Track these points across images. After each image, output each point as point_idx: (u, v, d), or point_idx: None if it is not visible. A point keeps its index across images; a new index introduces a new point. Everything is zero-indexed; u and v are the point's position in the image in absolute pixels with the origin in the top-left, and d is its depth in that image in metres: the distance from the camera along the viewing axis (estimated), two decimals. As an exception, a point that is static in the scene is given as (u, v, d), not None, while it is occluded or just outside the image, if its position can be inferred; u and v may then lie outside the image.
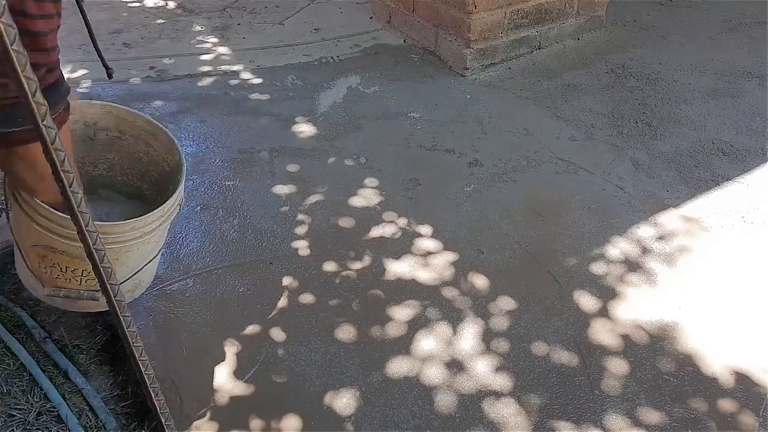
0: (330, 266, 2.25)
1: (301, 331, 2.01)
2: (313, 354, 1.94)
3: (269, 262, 2.25)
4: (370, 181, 2.65)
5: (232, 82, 3.37)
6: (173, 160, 1.82)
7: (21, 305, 2.01)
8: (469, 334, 2.01)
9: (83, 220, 0.84)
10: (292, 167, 2.72)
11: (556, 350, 1.97)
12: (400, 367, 1.91)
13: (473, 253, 2.31)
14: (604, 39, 3.87)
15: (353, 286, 2.17)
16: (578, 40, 3.84)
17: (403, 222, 2.45)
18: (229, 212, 2.47)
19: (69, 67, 3.41)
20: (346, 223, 2.44)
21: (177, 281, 2.16)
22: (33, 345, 1.89)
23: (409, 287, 2.17)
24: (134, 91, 3.25)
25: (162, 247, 1.84)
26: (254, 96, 3.24)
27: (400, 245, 2.34)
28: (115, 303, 0.90)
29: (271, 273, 2.21)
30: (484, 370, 1.90)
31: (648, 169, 2.75)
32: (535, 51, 3.71)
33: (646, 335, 2.02)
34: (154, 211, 1.59)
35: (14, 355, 1.84)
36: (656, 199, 2.58)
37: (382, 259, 2.28)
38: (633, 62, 3.59)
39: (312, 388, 1.84)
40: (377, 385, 1.85)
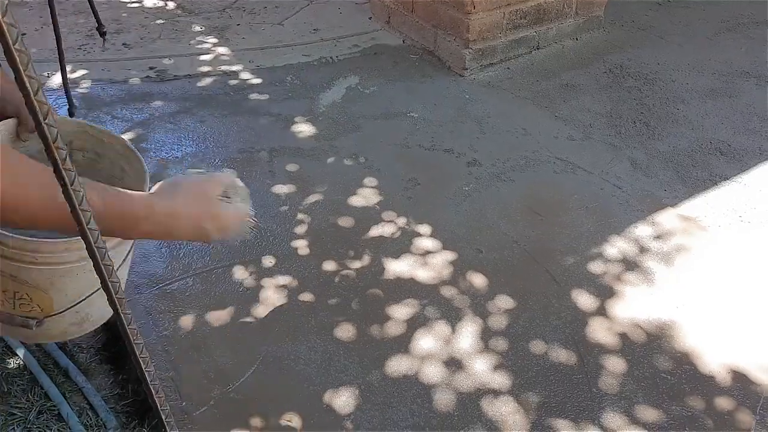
0: (329, 265, 2.25)
1: (301, 329, 2.02)
2: (313, 353, 1.95)
3: (269, 261, 2.26)
4: (369, 181, 2.66)
5: (232, 82, 3.37)
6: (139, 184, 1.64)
7: (21, 304, 2.01)
8: (468, 332, 2.02)
9: (84, 218, 0.85)
10: (292, 167, 2.73)
11: (554, 349, 1.98)
12: (399, 366, 1.92)
13: (472, 253, 2.32)
14: (603, 39, 3.88)
15: (352, 285, 2.18)
16: (577, 40, 3.85)
17: (402, 221, 2.45)
18: (228, 212, 2.47)
19: (69, 67, 3.42)
20: (346, 222, 2.45)
21: (177, 280, 2.17)
22: (33, 344, 1.90)
23: (408, 286, 2.18)
24: (134, 91, 3.26)
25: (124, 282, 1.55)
26: (254, 96, 3.25)
27: (399, 244, 2.35)
28: (116, 300, 0.91)
29: (271, 272, 2.22)
30: (482, 369, 1.91)
31: (646, 169, 2.76)
32: (533, 51, 3.72)
33: (644, 334, 2.03)
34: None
35: (14, 353, 1.85)
36: (654, 199, 2.59)
37: (381, 259, 2.29)
38: (631, 62, 3.60)
39: (311, 387, 1.85)
40: (376, 384, 1.86)
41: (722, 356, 1.96)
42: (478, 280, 2.21)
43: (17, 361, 1.83)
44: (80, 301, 1.44)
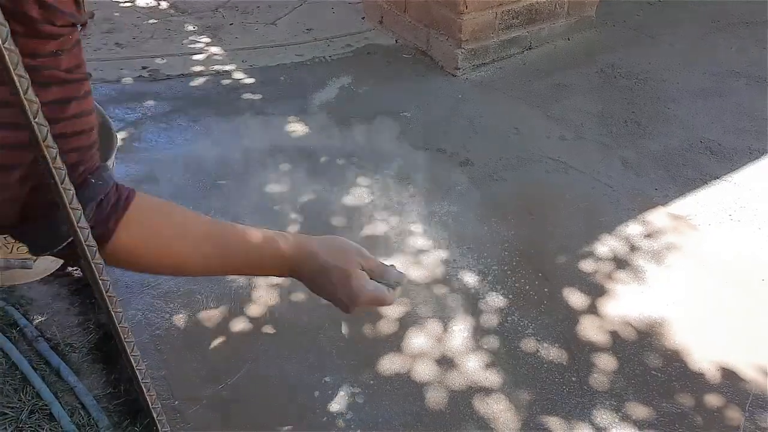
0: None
1: (293, 329, 2.02)
2: (305, 352, 1.95)
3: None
4: (362, 180, 2.67)
5: (225, 82, 3.37)
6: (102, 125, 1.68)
7: (13, 304, 2.01)
8: (460, 331, 2.03)
9: (74, 216, 0.85)
10: (285, 166, 2.74)
11: (545, 347, 1.99)
12: (391, 365, 1.92)
13: (464, 251, 2.33)
14: (594, 39, 3.89)
15: (345, 285, 2.18)
16: (568, 40, 3.86)
17: (395, 220, 2.46)
18: (221, 211, 2.48)
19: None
20: (338, 221, 2.45)
21: (169, 280, 2.17)
22: (25, 344, 1.89)
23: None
24: (126, 91, 3.26)
25: None
26: (247, 96, 3.25)
27: (392, 244, 2.36)
28: (106, 298, 0.91)
29: (263, 271, 2.22)
30: (474, 367, 1.92)
31: (637, 168, 2.78)
32: (525, 51, 3.73)
33: (635, 332, 2.05)
34: None
35: (6, 353, 1.85)
36: (645, 198, 2.61)
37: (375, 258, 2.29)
38: (622, 62, 3.62)
39: (304, 386, 1.85)
40: (368, 383, 1.87)
41: (712, 354, 1.98)
42: (470, 279, 2.22)
43: (8, 361, 1.82)
44: None
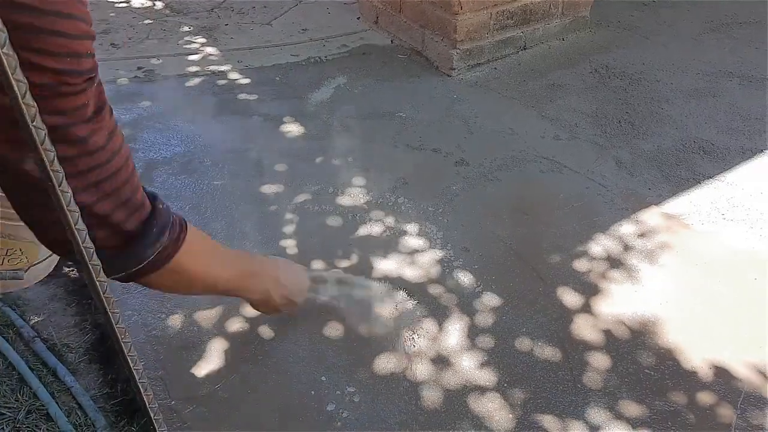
0: (318, 265, 2.27)
1: (289, 328, 2.03)
2: (301, 351, 1.96)
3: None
4: (358, 180, 2.68)
5: (220, 82, 3.38)
6: None
7: (10, 305, 2.02)
8: (455, 330, 2.05)
9: (72, 219, 0.87)
10: (280, 167, 2.75)
11: (539, 346, 2.00)
12: (387, 364, 1.94)
13: (459, 251, 2.35)
14: (589, 39, 3.91)
15: (340, 284, 2.20)
16: (563, 40, 3.88)
17: (390, 221, 2.47)
18: (217, 212, 2.49)
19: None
20: (334, 222, 2.47)
21: (165, 280, 2.17)
22: (22, 344, 1.90)
23: (396, 285, 2.20)
24: (122, 91, 3.26)
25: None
26: (242, 96, 3.26)
27: (387, 243, 2.37)
28: (103, 300, 0.93)
29: (259, 272, 2.23)
30: (469, 366, 1.94)
31: (630, 168, 2.79)
32: (520, 51, 3.75)
33: (628, 330, 2.06)
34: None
35: (3, 354, 1.85)
36: (638, 197, 2.63)
37: (370, 258, 2.30)
38: (617, 62, 3.64)
39: (299, 385, 1.87)
40: (364, 382, 1.88)
41: (704, 352, 2.00)
42: (465, 279, 2.23)
43: (5, 362, 1.83)
44: None
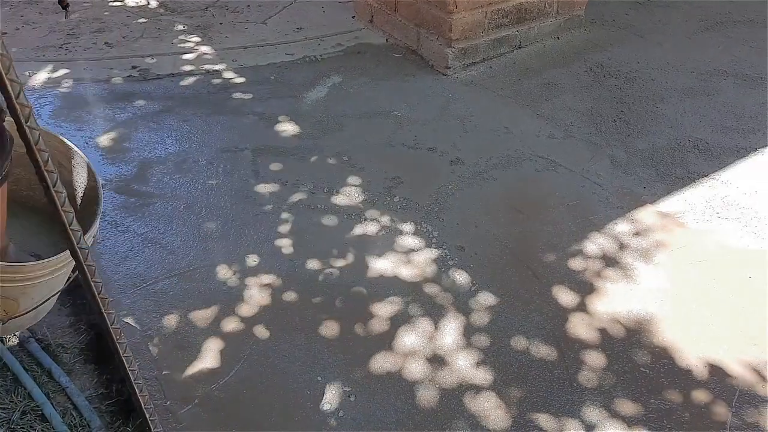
0: (313, 264, 2.27)
1: (285, 328, 2.03)
2: (297, 350, 1.96)
3: (253, 260, 2.27)
4: (353, 180, 2.67)
5: (215, 81, 3.37)
6: (90, 187, 1.72)
7: (4, 305, 2.01)
8: (451, 329, 2.05)
9: (67, 219, 0.86)
10: (275, 166, 2.74)
11: (535, 344, 2.01)
12: (382, 363, 1.94)
13: (454, 250, 2.35)
14: (583, 38, 3.92)
15: (336, 284, 2.20)
16: (558, 39, 3.89)
17: (386, 220, 2.47)
18: (212, 211, 2.48)
19: (50, 66, 3.40)
20: (329, 221, 2.46)
21: (161, 280, 2.17)
22: (17, 344, 1.89)
23: (392, 284, 2.20)
24: (116, 90, 3.25)
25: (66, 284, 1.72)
26: (237, 95, 3.25)
27: (383, 243, 2.37)
28: (99, 300, 0.92)
29: (255, 271, 2.23)
30: (465, 365, 1.94)
31: (625, 166, 2.80)
32: (515, 50, 3.75)
33: (623, 329, 2.07)
34: (65, 252, 1.49)
35: (-3, 355, 1.84)
36: (633, 196, 2.63)
37: (365, 257, 2.30)
38: (611, 61, 3.65)
39: (295, 385, 1.86)
40: (360, 381, 1.88)
41: (700, 350, 2.00)
42: (461, 278, 2.23)
43: (0, 362, 1.82)
44: (44, 302, 1.59)
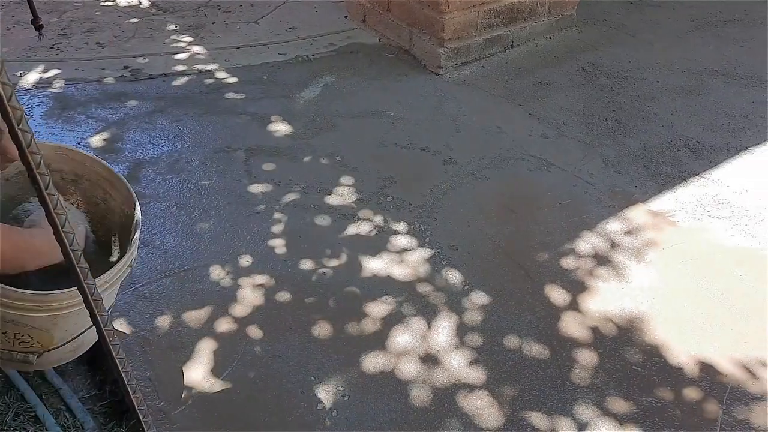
0: (306, 264, 2.27)
1: (278, 328, 2.03)
2: (290, 351, 1.96)
3: (246, 260, 2.27)
4: (346, 180, 2.68)
5: (208, 81, 3.36)
6: (130, 213, 1.74)
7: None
8: (444, 328, 2.06)
9: (59, 222, 0.86)
10: (268, 166, 2.74)
11: (528, 343, 2.02)
12: (376, 363, 1.94)
13: (447, 250, 2.35)
14: (575, 38, 3.93)
15: (329, 284, 2.20)
16: (550, 38, 3.90)
17: (379, 219, 2.48)
18: (205, 211, 2.48)
19: (41, 67, 3.39)
20: (322, 221, 2.47)
21: (154, 281, 2.17)
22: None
23: (385, 284, 2.21)
24: (108, 90, 3.24)
25: (111, 309, 1.72)
26: (230, 95, 3.25)
27: (376, 242, 2.37)
28: (91, 302, 0.93)
29: (248, 271, 2.23)
30: (458, 364, 1.95)
31: (617, 166, 2.82)
32: (507, 50, 3.76)
33: (615, 327, 2.08)
34: (100, 277, 1.49)
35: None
36: (625, 195, 2.65)
37: (358, 257, 2.31)
38: (603, 61, 3.66)
39: (289, 385, 1.87)
40: (354, 381, 1.89)
41: (690, 348, 2.02)
42: (454, 277, 2.24)
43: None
44: (80, 334, 1.55)
